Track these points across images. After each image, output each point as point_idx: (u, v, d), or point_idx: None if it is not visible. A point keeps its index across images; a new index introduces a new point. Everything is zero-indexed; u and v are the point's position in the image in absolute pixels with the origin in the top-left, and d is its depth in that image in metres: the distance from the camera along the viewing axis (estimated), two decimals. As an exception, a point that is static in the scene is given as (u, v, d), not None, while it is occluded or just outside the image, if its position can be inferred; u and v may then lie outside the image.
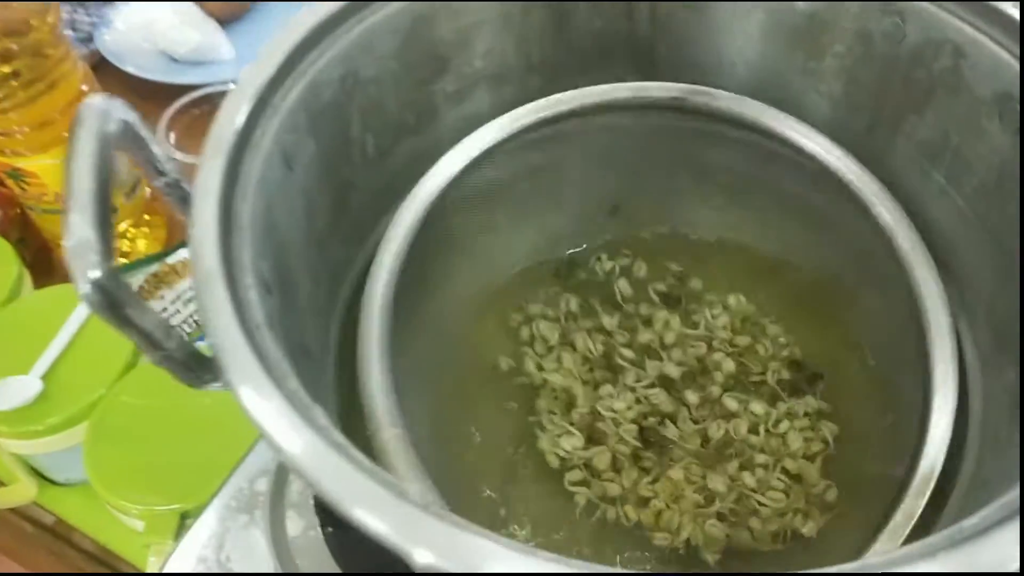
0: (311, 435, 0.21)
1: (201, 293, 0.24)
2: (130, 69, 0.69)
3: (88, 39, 0.73)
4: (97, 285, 0.20)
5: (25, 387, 0.46)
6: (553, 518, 0.38)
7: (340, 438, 0.22)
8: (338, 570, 0.36)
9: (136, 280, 0.57)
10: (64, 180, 0.22)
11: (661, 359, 0.41)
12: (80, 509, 0.49)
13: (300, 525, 0.37)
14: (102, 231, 0.21)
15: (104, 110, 0.24)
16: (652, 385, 0.40)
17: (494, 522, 0.37)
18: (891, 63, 0.35)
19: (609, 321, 0.43)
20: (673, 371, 0.41)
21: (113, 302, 0.21)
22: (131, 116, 0.25)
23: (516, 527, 0.37)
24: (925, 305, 0.31)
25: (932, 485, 0.27)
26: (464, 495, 0.37)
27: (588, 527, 0.38)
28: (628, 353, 0.41)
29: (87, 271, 0.20)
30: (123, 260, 0.58)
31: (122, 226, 0.58)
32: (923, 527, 0.28)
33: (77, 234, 0.21)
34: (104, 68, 0.70)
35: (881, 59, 0.35)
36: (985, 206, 0.33)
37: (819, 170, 0.35)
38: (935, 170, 0.35)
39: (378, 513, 0.19)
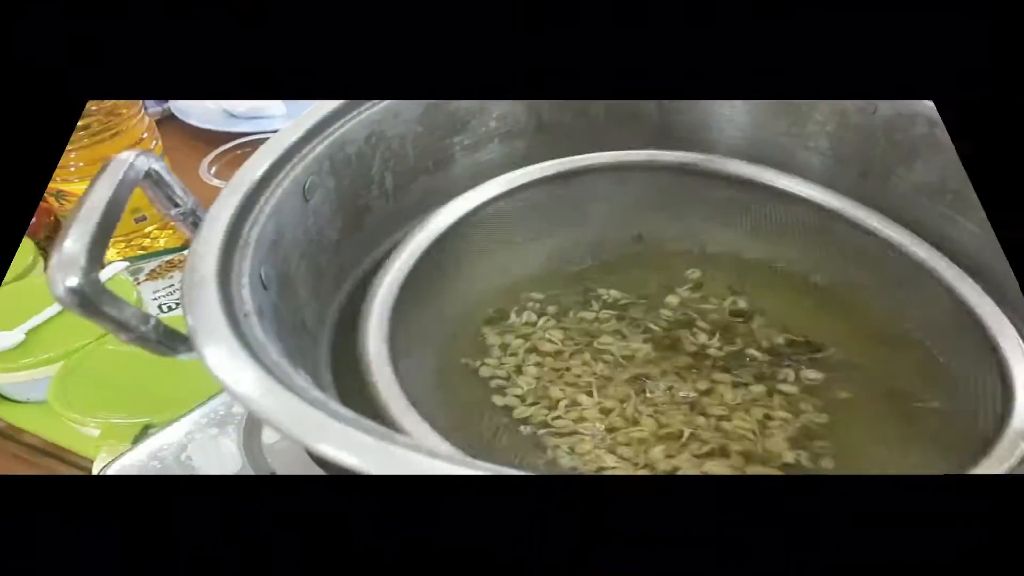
0: (281, 391, 0.21)
1: (190, 290, 0.24)
2: (192, 121, 0.74)
3: (162, 98, 0.77)
4: (73, 291, 0.21)
5: (5, 339, 0.46)
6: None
7: (319, 394, 0.22)
8: (321, 472, 0.32)
9: (149, 264, 0.58)
10: (73, 209, 0.24)
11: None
12: (35, 419, 0.46)
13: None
14: (92, 253, 0.22)
15: (131, 161, 0.26)
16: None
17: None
18: (869, 130, 0.36)
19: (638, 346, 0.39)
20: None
21: (88, 302, 0.22)
22: (159, 165, 0.28)
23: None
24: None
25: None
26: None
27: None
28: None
29: (65, 280, 0.21)
30: (141, 251, 0.60)
31: (148, 228, 0.60)
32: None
33: (66, 250, 0.22)
34: (170, 120, 0.75)
35: (858, 128, 0.37)
36: (999, 230, 0.31)
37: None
38: (937, 205, 0.35)
39: (360, 454, 0.20)
